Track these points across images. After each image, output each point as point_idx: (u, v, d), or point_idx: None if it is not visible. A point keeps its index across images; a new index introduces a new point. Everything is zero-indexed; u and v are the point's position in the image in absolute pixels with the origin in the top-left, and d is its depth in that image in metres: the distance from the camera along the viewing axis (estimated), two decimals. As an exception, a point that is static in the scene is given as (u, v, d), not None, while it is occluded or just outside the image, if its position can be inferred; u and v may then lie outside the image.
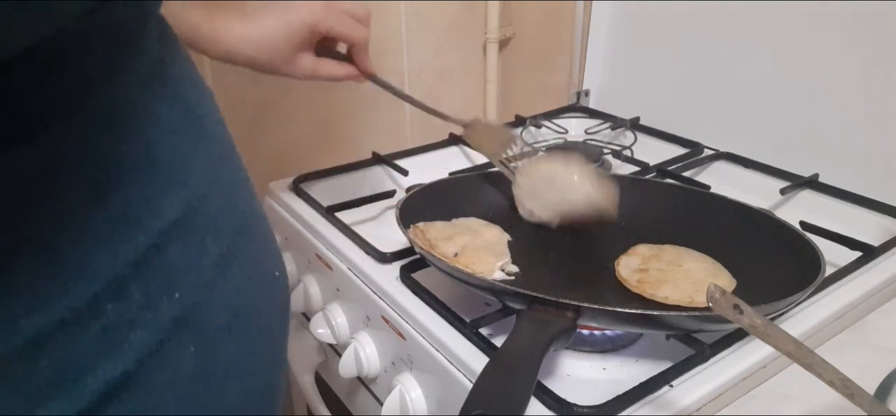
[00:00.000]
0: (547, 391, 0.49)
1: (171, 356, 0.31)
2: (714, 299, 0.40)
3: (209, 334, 0.33)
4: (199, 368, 0.33)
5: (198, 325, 0.33)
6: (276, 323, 0.40)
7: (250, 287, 0.37)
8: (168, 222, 0.32)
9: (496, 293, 0.55)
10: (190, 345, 0.32)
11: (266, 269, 0.39)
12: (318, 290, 0.74)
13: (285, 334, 0.42)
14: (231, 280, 0.35)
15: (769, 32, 0.83)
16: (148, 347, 0.30)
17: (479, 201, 0.71)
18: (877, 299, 0.61)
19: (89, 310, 0.29)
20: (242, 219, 0.37)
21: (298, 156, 0.94)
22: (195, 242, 0.33)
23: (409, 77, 1.03)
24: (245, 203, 0.38)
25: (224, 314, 0.34)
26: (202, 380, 0.33)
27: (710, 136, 0.90)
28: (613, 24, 1.04)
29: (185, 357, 0.32)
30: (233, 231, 0.36)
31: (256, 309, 0.37)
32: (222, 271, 0.34)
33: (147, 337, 0.30)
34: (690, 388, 0.50)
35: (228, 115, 0.45)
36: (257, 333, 0.37)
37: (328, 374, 0.80)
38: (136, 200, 0.30)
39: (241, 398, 0.35)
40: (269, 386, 0.39)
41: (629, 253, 0.64)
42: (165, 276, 0.31)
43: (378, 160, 0.88)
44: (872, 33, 0.73)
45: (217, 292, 0.34)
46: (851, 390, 0.39)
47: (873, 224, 0.71)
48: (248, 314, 0.36)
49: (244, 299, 0.36)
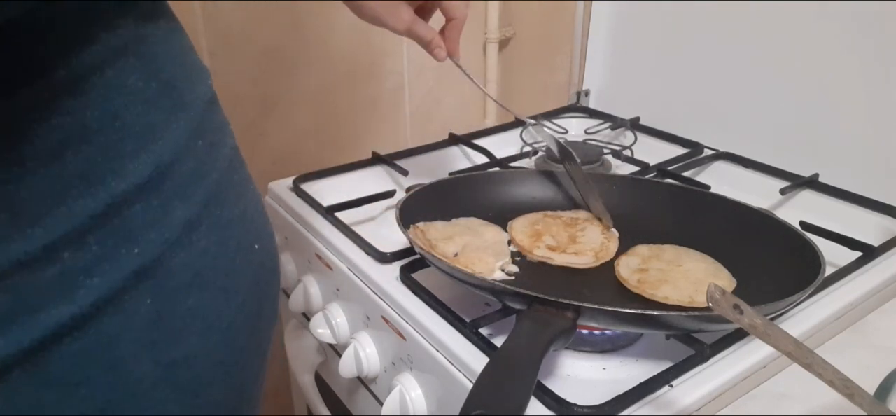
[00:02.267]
0: (547, 391, 0.49)
1: (127, 303, 0.34)
2: (714, 299, 0.40)
3: (168, 290, 0.36)
4: (156, 317, 0.36)
5: (156, 280, 0.36)
6: (246, 288, 0.42)
7: (218, 251, 0.39)
8: (133, 183, 0.34)
9: (496, 293, 0.55)
10: (147, 297, 0.35)
11: (241, 238, 0.42)
12: (318, 290, 0.74)
13: (262, 301, 0.45)
14: (197, 243, 0.38)
15: (769, 32, 0.83)
16: (103, 294, 0.33)
17: (479, 201, 0.71)
18: (877, 299, 0.61)
19: (45, 255, 0.32)
20: (217, 189, 0.40)
21: (298, 156, 0.94)
22: (160, 203, 0.36)
23: (409, 77, 1.03)
24: (223, 176, 0.41)
25: (185, 274, 0.37)
26: (158, 329, 0.36)
27: (710, 136, 0.90)
28: (613, 24, 1.04)
29: (141, 307, 0.35)
30: (204, 198, 0.38)
31: (223, 271, 0.40)
32: (187, 233, 0.37)
33: (103, 284, 0.33)
34: (690, 388, 0.50)
35: (228, 114, 0.45)
36: (221, 292, 0.40)
37: (328, 374, 0.80)
38: (98, 160, 0.33)
39: (200, 350, 0.38)
40: (238, 346, 0.42)
41: (629, 253, 0.64)
42: (126, 231, 0.34)
43: (378, 160, 0.88)
44: (872, 33, 0.73)
45: (180, 252, 0.37)
46: (851, 390, 0.39)
47: (873, 224, 0.71)
48: (212, 276, 0.39)
49: (209, 261, 0.39)
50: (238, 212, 0.42)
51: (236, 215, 0.42)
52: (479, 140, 0.93)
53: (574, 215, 0.70)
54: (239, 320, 0.42)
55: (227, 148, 0.43)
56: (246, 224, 0.43)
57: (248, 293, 0.42)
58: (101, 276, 0.33)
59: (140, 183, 0.35)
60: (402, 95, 1.03)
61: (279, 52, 0.89)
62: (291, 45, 0.90)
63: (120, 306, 0.34)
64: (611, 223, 0.68)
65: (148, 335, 0.36)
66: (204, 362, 0.39)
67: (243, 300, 0.42)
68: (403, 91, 1.03)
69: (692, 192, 0.72)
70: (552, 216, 0.69)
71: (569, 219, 0.69)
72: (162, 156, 0.36)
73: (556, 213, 0.70)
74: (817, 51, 0.79)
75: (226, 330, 0.40)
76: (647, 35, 1.00)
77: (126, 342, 0.35)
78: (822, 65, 0.79)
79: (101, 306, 0.33)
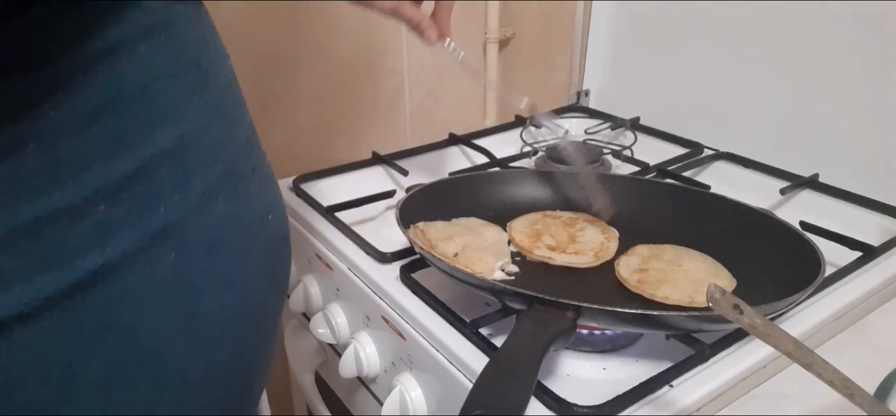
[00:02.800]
0: (547, 391, 0.49)
1: (152, 257, 0.38)
2: (714, 299, 0.40)
3: (189, 249, 0.40)
4: (176, 273, 0.39)
5: (178, 239, 0.39)
6: (259, 254, 0.46)
7: (232, 221, 0.43)
8: (160, 149, 0.38)
9: (496, 293, 0.55)
10: (171, 253, 0.39)
11: (254, 210, 0.46)
12: (318, 290, 0.74)
13: (274, 267, 0.49)
14: (214, 211, 0.42)
15: (769, 32, 0.83)
16: (132, 246, 0.37)
17: (479, 201, 0.71)
18: (877, 299, 0.61)
19: (84, 206, 0.35)
20: (234, 162, 0.44)
21: (298, 156, 0.94)
22: (184, 171, 0.40)
23: (409, 77, 1.03)
24: (240, 151, 0.45)
25: (205, 237, 0.41)
26: (179, 284, 0.40)
27: (710, 136, 0.90)
28: (613, 24, 1.04)
29: (164, 262, 0.39)
30: (222, 171, 0.42)
31: (237, 237, 0.44)
32: (207, 201, 0.41)
33: (132, 237, 0.37)
34: (690, 388, 0.50)
35: (228, 115, 0.45)
36: (235, 257, 0.44)
37: (328, 374, 0.80)
38: (131, 126, 0.37)
39: (216, 306, 0.42)
40: (251, 305, 0.46)
41: (629, 253, 0.64)
42: (153, 193, 0.38)
43: (378, 160, 0.88)
44: (872, 33, 0.73)
45: (201, 217, 0.41)
46: (851, 390, 0.39)
47: (873, 224, 0.71)
48: (228, 241, 0.43)
49: (224, 231, 0.42)
50: (253, 185, 0.46)
51: (252, 188, 0.46)
52: (479, 140, 0.93)
53: (574, 215, 0.70)
54: (252, 283, 0.46)
55: (245, 126, 0.47)
56: (260, 197, 0.47)
57: (260, 260, 0.46)
58: (131, 229, 0.37)
59: (166, 149, 0.38)
60: (402, 94, 1.03)
61: (279, 53, 0.89)
62: (291, 45, 0.90)
63: (146, 260, 0.38)
64: (609, 205, 0.68)
65: (169, 289, 0.40)
66: (219, 317, 0.43)
67: (256, 266, 0.46)
68: (403, 91, 1.03)
69: (692, 192, 0.72)
70: (552, 216, 0.69)
71: (569, 219, 0.69)
72: (186, 128, 0.40)
73: (556, 213, 0.70)
74: (817, 51, 0.79)
75: (240, 291, 0.44)
76: (647, 35, 1.00)
77: (150, 293, 0.39)
78: (822, 65, 0.79)
79: (130, 257, 0.37)
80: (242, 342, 0.46)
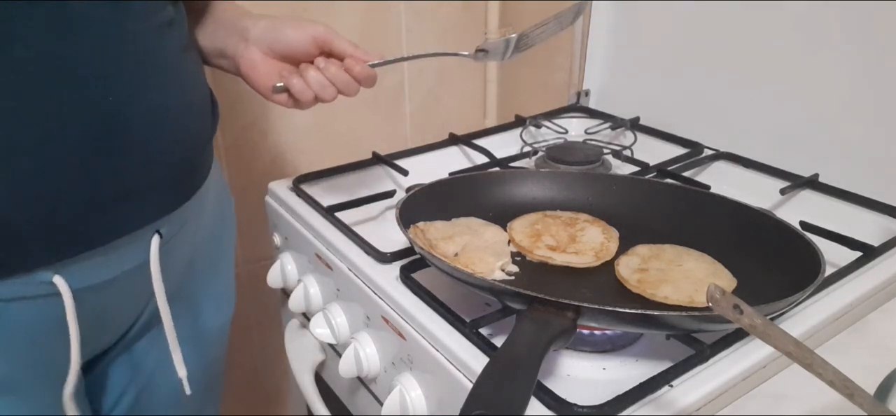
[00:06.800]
0: (547, 391, 0.49)
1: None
2: (714, 299, 0.40)
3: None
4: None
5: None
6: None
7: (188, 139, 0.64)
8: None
9: (496, 293, 0.55)
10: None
11: (197, 129, 0.66)
12: (318, 290, 0.74)
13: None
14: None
15: (769, 33, 0.83)
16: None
17: (479, 201, 0.71)
18: (877, 299, 0.61)
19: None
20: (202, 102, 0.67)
21: (298, 156, 0.94)
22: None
23: (408, 77, 1.03)
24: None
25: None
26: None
27: (710, 136, 0.90)
28: (613, 24, 1.04)
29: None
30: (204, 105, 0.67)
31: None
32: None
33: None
34: (690, 388, 0.50)
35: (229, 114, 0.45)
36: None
37: (328, 374, 0.80)
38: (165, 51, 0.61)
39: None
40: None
41: (629, 253, 0.64)
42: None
43: (378, 160, 0.88)
44: (872, 33, 0.73)
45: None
46: (851, 390, 0.39)
47: (873, 224, 0.71)
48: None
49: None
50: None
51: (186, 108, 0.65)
52: (479, 140, 0.93)
53: (574, 215, 0.70)
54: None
55: (201, 90, 0.67)
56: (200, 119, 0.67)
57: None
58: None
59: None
60: (401, 94, 1.03)
61: (279, 52, 0.89)
62: (291, 45, 0.90)
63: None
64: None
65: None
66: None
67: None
68: (403, 91, 1.03)
69: (692, 192, 0.72)
70: (552, 216, 0.69)
71: (569, 219, 0.69)
72: (180, 73, 0.63)
73: (556, 213, 0.70)
74: (817, 51, 0.79)
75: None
76: (647, 35, 1.00)
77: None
78: (822, 65, 0.79)
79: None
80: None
